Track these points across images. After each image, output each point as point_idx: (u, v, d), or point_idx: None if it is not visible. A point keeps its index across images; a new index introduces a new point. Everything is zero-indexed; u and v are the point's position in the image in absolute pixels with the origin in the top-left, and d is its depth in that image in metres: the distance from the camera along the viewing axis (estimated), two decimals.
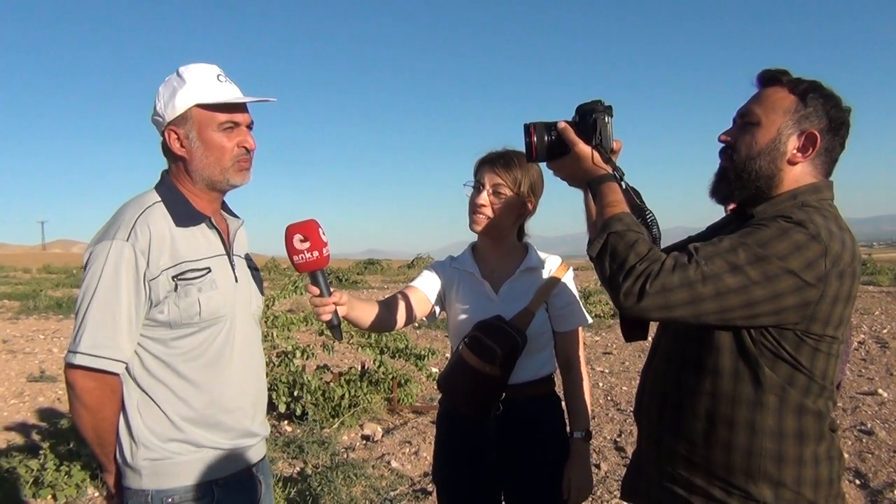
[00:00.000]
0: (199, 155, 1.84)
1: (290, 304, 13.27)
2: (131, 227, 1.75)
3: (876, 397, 6.90)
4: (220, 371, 1.87)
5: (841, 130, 1.64)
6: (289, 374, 6.21)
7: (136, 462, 1.79)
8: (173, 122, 1.82)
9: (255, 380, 1.99)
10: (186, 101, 1.81)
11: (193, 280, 1.80)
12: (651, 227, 1.69)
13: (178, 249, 1.80)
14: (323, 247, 1.83)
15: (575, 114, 1.77)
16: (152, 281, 1.75)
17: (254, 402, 1.97)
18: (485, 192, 2.27)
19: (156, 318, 1.77)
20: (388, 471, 5.03)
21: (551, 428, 2.35)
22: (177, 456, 1.81)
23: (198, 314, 1.80)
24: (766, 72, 1.69)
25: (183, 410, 1.81)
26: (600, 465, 5.09)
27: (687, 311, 1.45)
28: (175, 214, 1.83)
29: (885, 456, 5.13)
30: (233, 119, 1.85)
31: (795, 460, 1.55)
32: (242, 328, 1.94)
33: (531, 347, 2.24)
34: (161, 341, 1.79)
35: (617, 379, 8.17)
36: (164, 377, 1.80)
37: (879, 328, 11.83)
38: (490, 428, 2.28)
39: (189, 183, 1.88)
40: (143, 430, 1.79)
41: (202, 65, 1.86)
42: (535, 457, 2.28)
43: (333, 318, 1.91)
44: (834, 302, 1.51)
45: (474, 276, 2.37)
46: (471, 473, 2.32)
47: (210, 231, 1.90)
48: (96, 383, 1.72)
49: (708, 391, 1.59)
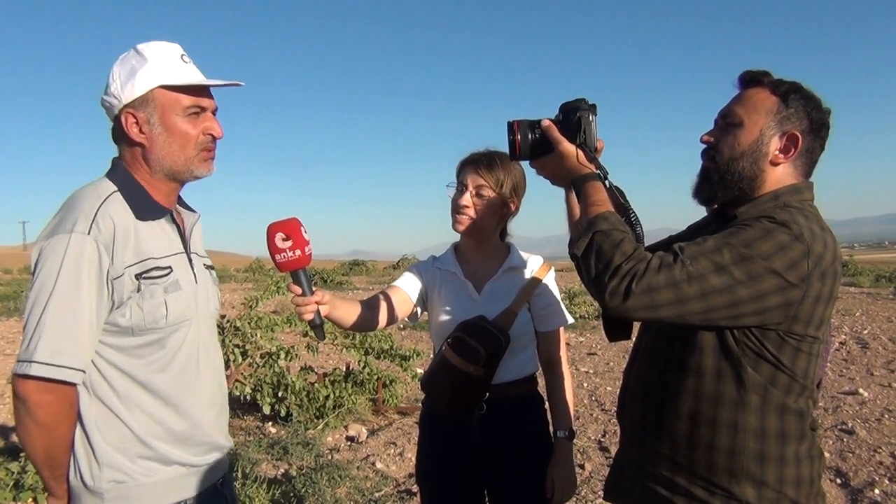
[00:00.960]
0: (160, 142, 1.66)
1: (274, 306, 13.22)
2: (92, 218, 1.54)
3: (857, 397, 6.98)
4: (188, 381, 1.71)
5: (821, 131, 1.66)
6: (273, 375, 6.18)
7: (99, 485, 1.59)
8: (132, 104, 1.63)
9: (219, 388, 1.84)
10: (148, 82, 1.62)
11: (158, 279, 1.62)
12: (635, 226, 1.70)
13: (142, 245, 1.62)
14: (305, 245, 1.80)
15: (559, 112, 1.77)
16: (116, 280, 1.56)
17: (219, 412, 1.83)
18: (467, 193, 2.28)
19: (117, 323, 1.58)
20: (372, 472, 5.02)
21: (534, 428, 2.35)
22: (144, 476, 1.63)
23: (164, 317, 1.62)
24: (748, 73, 1.70)
25: (149, 425, 1.63)
26: (584, 466, 5.10)
27: (672, 311, 1.45)
28: (135, 206, 1.64)
29: (865, 455, 5.18)
30: (199, 103, 1.68)
31: (777, 459, 1.56)
32: (205, 333, 1.79)
33: (514, 347, 2.24)
34: (121, 349, 1.60)
35: (601, 379, 8.20)
36: (126, 389, 1.61)
37: (860, 329, 11.96)
38: (473, 428, 2.28)
39: (144, 174, 1.69)
40: (106, 447, 1.59)
41: (164, 43, 1.68)
42: (518, 457, 2.28)
43: (316, 318, 1.89)
44: (816, 302, 1.52)
45: (457, 276, 2.37)
46: (454, 473, 2.32)
47: (170, 226, 1.73)
48: (54, 396, 1.50)
49: (691, 391, 1.59)
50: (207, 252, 1.93)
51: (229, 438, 1.90)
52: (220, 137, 1.74)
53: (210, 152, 1.74)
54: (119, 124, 1.67)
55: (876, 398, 6.92)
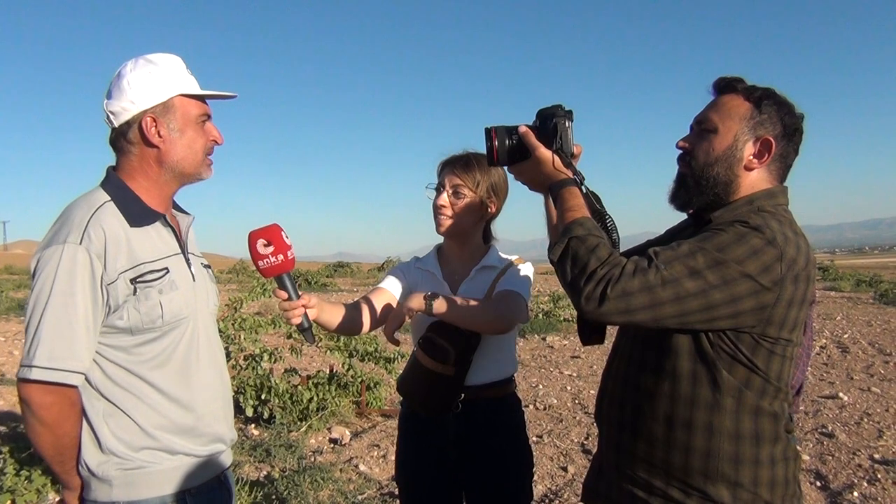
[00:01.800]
0: (177, 146, 1.78)
1: (259, 307, 13.17)
2: (83, 229, 1.64)
3: (836, 401, 7.05)
4: (190, 375, 1.80)
5: (795, 136, 1.69)
6: (256, 377, 6.16)
7: (107, 472, 1.69)
8: (153, 109, 1.75)
9: (221, 380, 1.93)
10: (171, 90, 1.76)
11: (153, 282, 1.71)
12: (611, 232, 1.72)
13: (135, 250, 1.71)
14: (287, 250, 1.82)
15: (536, 118, 1.78)
16: (110, 285, 1.65)
17: (223, 404, 1.91)
18: (444, 194, 2.30)
19: (115, 325, 1.68)
20: (355, 474, 5.02)
21: (509, 431, 2.36)
22: (151, 465, 1.72)
23: (160, 317, 1.71)
24: (722, 79, 1.72)
25: (154, 418, 1.72)
26: (567, 468, 5.13)
27: (647, 315, 1.46)
28: (127, 213, 1.74)
29: (844, 458, 5.24)
30: (207, 112, 1.83)
31: (752, 461, 1.57)
32: (205, 328, 1.87)
33: (489, 348, 2.26)
34: (122, 349, 1.70)
35: (585, 382, 8.24)
36: (130, 385, 1.71)
37: (840, 333, 12.10)
38: (449, 429, 2.30)
39: (152, 176, 1.80)
40: (113, 440, 1.69)
41: (169, 55, 1.81)
42: (493, 460, 2.30)
43: (304, 321, 1.90)
44: (789, 305, 1.54)
45: (435, 277, 2.39)
46: (433, 474, 2.34)
47: (165, 229, 1.82)
48: (55, 398, 1.61)
49: (666, 394, 1.61)
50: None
51: (233, 431, 1.97)
52: (222, 144, 1.88)
53: (211, 157, 1.87)
54: (137, 128, 1.76)
55: (855, 402, 7.00)
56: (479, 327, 2.19)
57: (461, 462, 2.31)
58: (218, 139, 1.86)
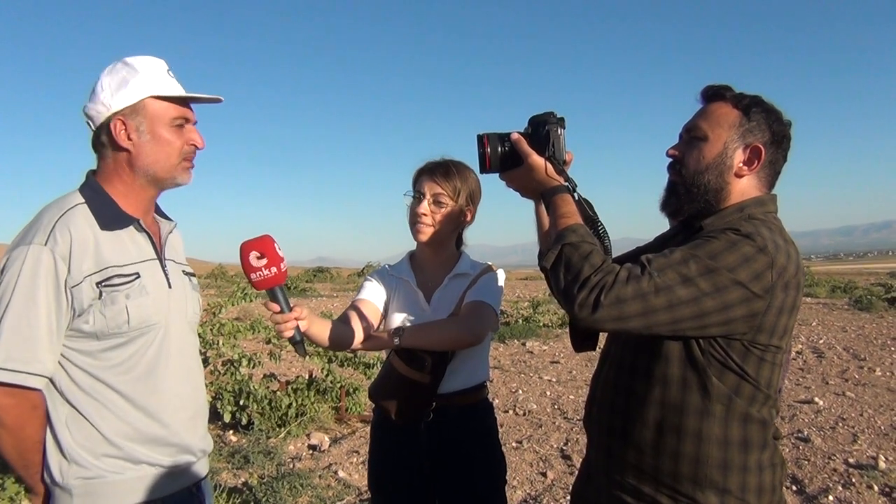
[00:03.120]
0: (147, 149, 1.74)
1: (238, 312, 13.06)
2: (50, 230, 1.62)
3: (812, 405, 7.13)
4: (156, 383, 1.75)
5: (783, 143, 1.70)
6: (235, 382, 6.09)
7: (67, 481, 1.65)
8: (122, 112, 1.72)
9: (193, 391, 1.87)
10: (140, 92, 1.72)
11: (120, 286, 1.68)
12: (603, 238, 1.72)
13: (103, 254, 1.68)
14: (280, 262, 1.79)
15: (528, 125, 1.78)
16: (74, 288, 1.62)
17: (193, 415, 1.86)
18: (425, 202, 2.29)
19: (81, 329, 1.64)
20: (334, 480, 4.98)
21: (481, 439, 2.36)
22: (112, 474, 1.68)
23: (126, 323, 1.67)
24: (710, 88, 1.73)
25: (117, 426, 1.69)
26: (547, 474, 5.12)
27: (640, 323, 1.46)
28: (100, 217, 1.71)
29: (820, 462, 5.30)
30: (184, 115, 1.79)
31: (740, 468, 1.58)
32: (178, 337, 1.83)
33: (461, 355, 2.27)
34: (88, 353, 1.67)
35: (564, 388, 8.26)
36: (94, 391, 1.67)
37: (816, 339, 12.25)
38: (421, 436, 2.30)
39: (126, 180, 1.77)
40: (75, 446, 1.66)
41: (150, 57, 1.78)
42: (464, 467, 2.30)
43: (295, 334, 1.87)
44: (779, 313, 1.55)
45: (410, 285, 2.39)
46: (405, 481, 2.34)
47: (139, 234, 1.79)
48: (15, 400, 1.58)
49: (657, 400, 1.61)
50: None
51: (208, 442, 1.92)
52: (203, 148, 1.83)
53: (190, 162, 1.82)
54: (106, 131, 1.74)
55: (830, 407, 7.08)
56: (450, 346, 2.22)
57: (434, 469, 2.31)
58: (198, 143, 1.81)
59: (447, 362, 2.23)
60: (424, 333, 2.20)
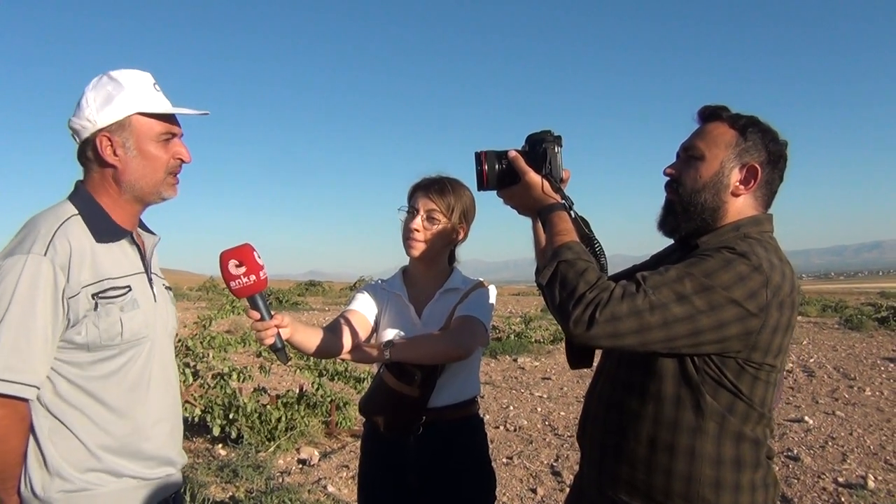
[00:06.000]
0: (134, 165, 1.73)
1: (228, 325, 13.00)
2: (49, 240, 1.61)
3: (802, 424, 7.14)
4: (141, 395, 1.75)
5: (779, 163, 1.72)
6: (224, 396, 6.05)
7: (49, 494, 1.63)
8: (108, 128, 1.71)
9: (173, 403, 1.88)
10: (126, 108, 1.71)
11: (114, 298, 1.68)
12: (599, 256, 1.73)
13: (99, 265, 1.68)
14: (259, 270, 1.80)
15: (525, 143, 1.80)
16: (71, 299, 1.61)
17: (172, 427, 1.87)
18: (419, 217, 2.30)
19: (72, 340, 1.63)
20: (324, 495, 4.94)
21: (471, 454, 2.36)
22: (95, 487, 1.67)
23: (119, 335, 1.68)
24: (707, 108, 1.75)
25: (101, 438, 1.68)
26: (537, 490, 5.10)
27: (635, 340, 1.47)
28: (94, 229, 1.71)
29: (809, 481, 5.30)
30: (171, 130, 1.78)
31: (733, 487, 1.58)
32: (161, 350, 1.84)
33: (452, 370, 2.27)
34: (77, 365, 1.65)
35: (555, 404, 8.24)
36: (79, 403, 1.66)
37: (807, 357, 12.28)
38: (411, 450, 2.29)
39: (113, 194, 1.76)
40: (58, 459, 1.64)
41: (136, 71, 1.77)
42: (453, 484, 2.29)
43: (276, 342, 1.88)
44: (774, 331, 1.55)
45: (401, 300, 2.39)
46: (393, 495, 2.33)
47: (130, 247, 1.80)
48: (6, 411, 1.56)
49: (650, 416, 1.61)
50: (162, 270, 1.98)
51: (183, 455, 1.92)
52: (189, 162, 1.82)
53: (175, 176, 1.82)
54: (91, 147, 1.73)
55: (820, 426, 7.09)
56: (439, 360, 2.22)
57: (422, 483, 2.30)
58: (184, 157, 1.81)
59: (437, 376, 2.23)
60: (413, 347, 2.21)
